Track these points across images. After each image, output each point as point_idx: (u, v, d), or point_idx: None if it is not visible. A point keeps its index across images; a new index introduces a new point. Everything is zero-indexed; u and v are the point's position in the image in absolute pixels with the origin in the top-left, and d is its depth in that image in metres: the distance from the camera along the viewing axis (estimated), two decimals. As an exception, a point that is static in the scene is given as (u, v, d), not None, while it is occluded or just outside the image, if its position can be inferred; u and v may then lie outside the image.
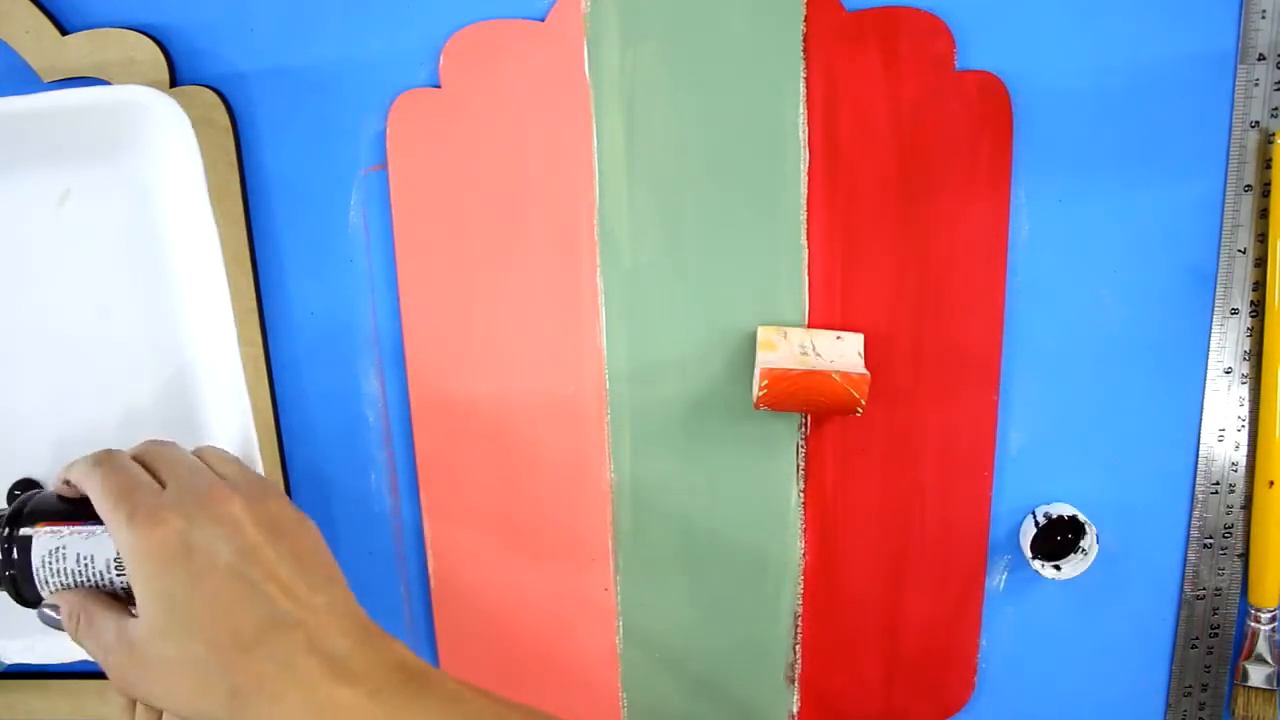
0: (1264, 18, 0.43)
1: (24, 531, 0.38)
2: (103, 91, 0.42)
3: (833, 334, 0.46)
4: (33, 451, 0.47)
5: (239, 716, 0.32)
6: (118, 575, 0.37)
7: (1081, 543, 0.47)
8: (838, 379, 0.43)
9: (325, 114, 0.46)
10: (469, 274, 0.47)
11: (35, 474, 0.47)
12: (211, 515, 0.34)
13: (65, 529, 0.38)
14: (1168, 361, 0.47)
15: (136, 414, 0.47)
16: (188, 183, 0.42)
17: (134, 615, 0.35)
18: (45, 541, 0.37)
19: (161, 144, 0.43)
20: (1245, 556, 0.48)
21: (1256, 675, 0.49)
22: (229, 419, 0.45)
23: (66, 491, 0.39)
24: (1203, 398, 0.47)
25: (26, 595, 0.38)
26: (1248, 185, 0.44)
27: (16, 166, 0.44)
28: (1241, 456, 0.47)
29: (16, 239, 0.45)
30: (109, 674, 0.35)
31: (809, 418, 0.47)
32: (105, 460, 0.37)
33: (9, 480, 0.47)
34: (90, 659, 0.36)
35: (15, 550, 0.37)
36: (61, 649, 0.47)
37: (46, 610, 0.37)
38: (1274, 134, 0.44)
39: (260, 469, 0.45)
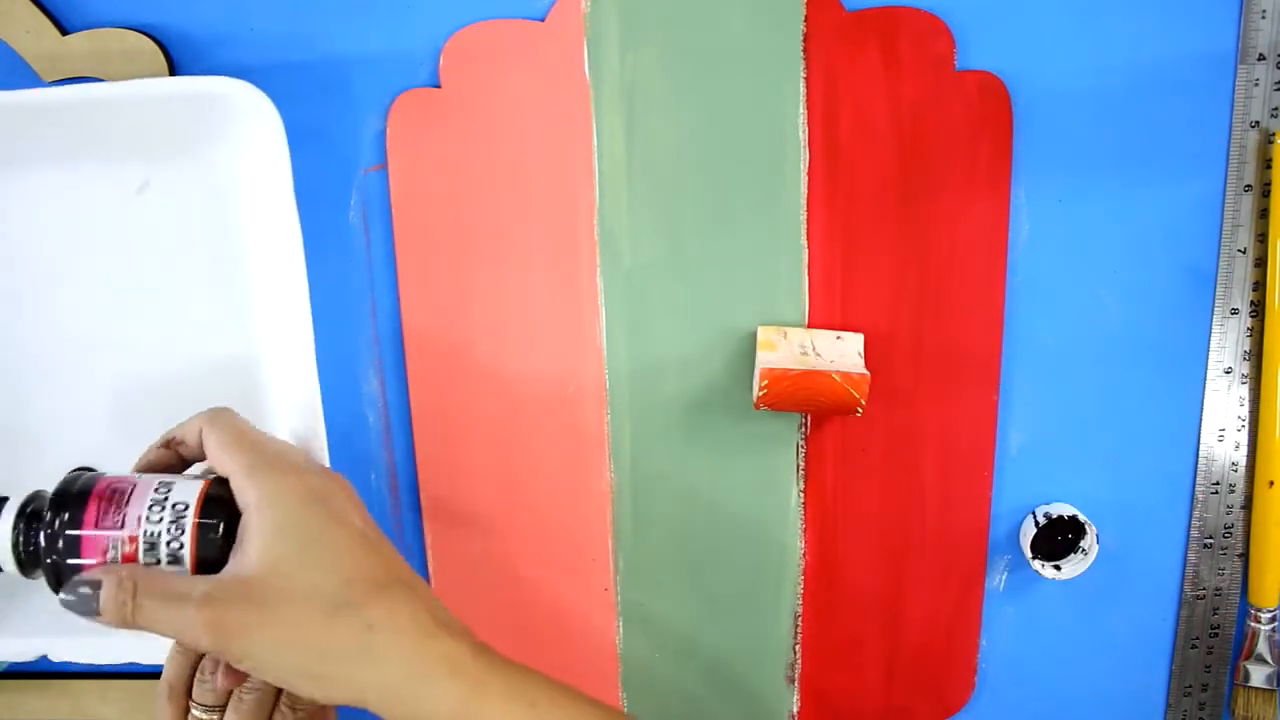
0: (1264, 18, 0.43)
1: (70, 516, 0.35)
2: (191, 82, 0.42)
3: (833, 334, 0.46)
4: (99, 439, 0.47)
5: (368, 652, 0.33)
6: (184, 521, 0.35)
7: (1081, 543, 0.47)
8: (838, 379, 0.43)
9: (325, 114, 0.46)
10: (469, 274, 0.47)
11: (99, 462, 0.48)
12: (336, 482, 0.37)
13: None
14: (1168, 361, 0.47)
15: (204, 404, 0.46)
16: (273, 178, 0.42)
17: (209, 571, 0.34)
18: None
19: (248, 138, 0.42)
20: (1245, 556, 0.48)
21: (1257, 675, 0.49)
22: (299, 416, 0.44)
23: (163, 456, 0.38)
24: (1203, 398, 0.47)
25: (64, 576, 0.35)
26: (1248, 185, 0.44)
27: (98, 154, 0.44)
28: (1241, 456, 0.47)
29: (96, 226, 0.45)
30: (195, 633, 0.32)
31: (809, 418, 0.47)
32: (225, 412, 0.37)
33: (66, 460, 0.47)
34: (155, 636, 0.33)
35: (62, 539, 0.35)
36: (112, 648, 0.47)
37: (81, 589, 0.33)
38: (1274, 134, 0.44)
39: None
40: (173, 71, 0.45)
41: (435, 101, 0.45)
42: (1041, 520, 0.47)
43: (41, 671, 0.53)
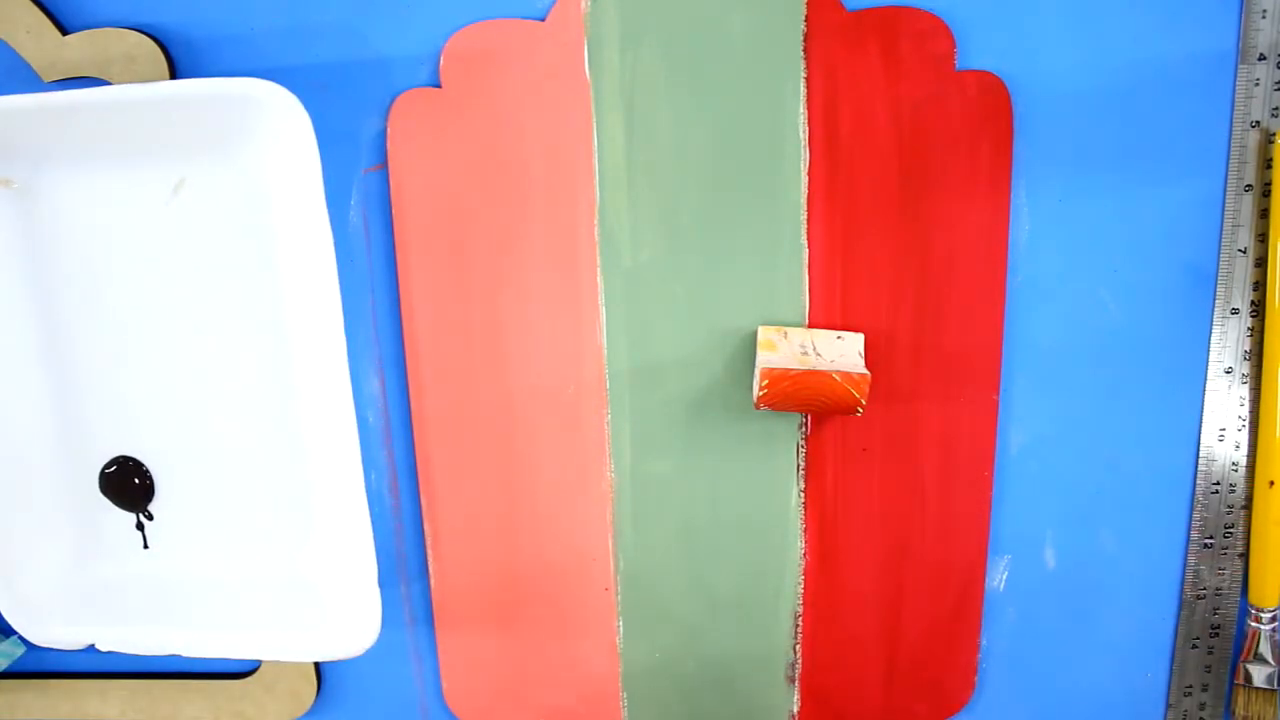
0: (1264, 18, 0.43)
1: None
2: (221, 83, 0.42)
3: (833, 334, 0.46)
4: (133, 430, 0.48)
5: None
6: None
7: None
8: (838, 379, 0.43)
9: (325, 114, 0.46)
10: (469, 274, 0.47)
11: (134, 453, 0.49)
12: None
13: None
14: (1168, 361, 0.47)
15: (236, 401, 0.47)
16: (303, 179, 0.42)
17: None
18: None
19: (277, 139, 0.42)
20: (1245, 556, 0.48)
21: (1257, 675, 0.49)
22: (329, 412, 0.45)
23: None
24: (1203, 398, 0.47)
25: None
26: (1248, 185, 0.44)
27: (132, 156, 0.44)
28: (1242, 456, 0.47)
29: (129, 228, 0.46)
30: None
31: (809, 418, 0.47)
32: None
33: (108, 457, 0.49)
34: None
35: None
36: (157, 639, 0.48)
37: None
38: (1274, 134, 0.44)
39: (360, 466, 0.45)
40: (173, 72, 0.45)
41: (435, 101, 0.45)
42: None
43: (41, 671, 0.53)
